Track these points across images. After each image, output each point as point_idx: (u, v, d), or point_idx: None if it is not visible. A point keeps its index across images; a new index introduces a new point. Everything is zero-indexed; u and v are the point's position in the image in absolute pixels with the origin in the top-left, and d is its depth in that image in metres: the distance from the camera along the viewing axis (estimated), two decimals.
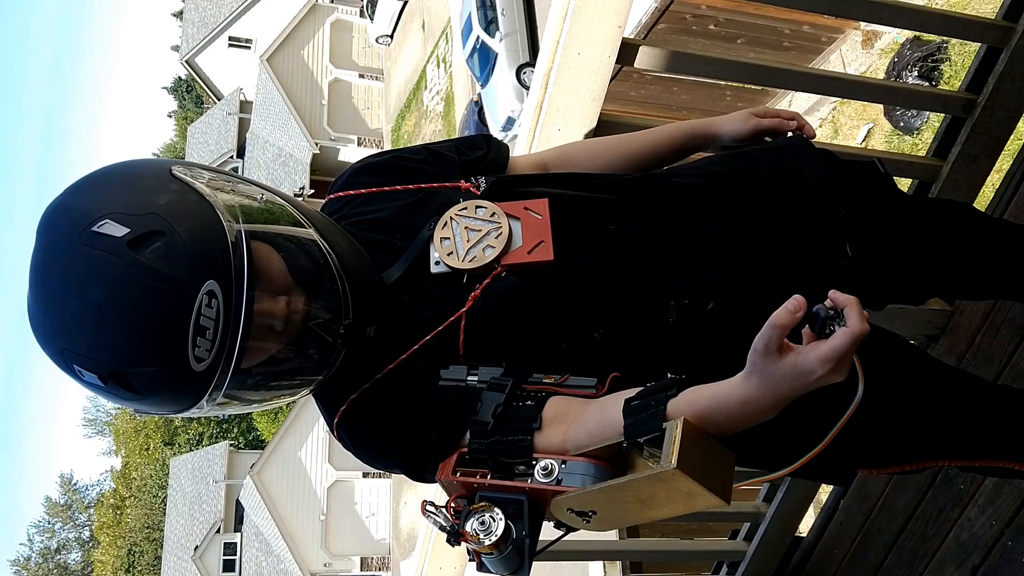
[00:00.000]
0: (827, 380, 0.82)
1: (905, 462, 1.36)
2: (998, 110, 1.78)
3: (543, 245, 1.10)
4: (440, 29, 18.26)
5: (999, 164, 1.92)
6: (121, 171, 0.97)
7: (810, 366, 0.81)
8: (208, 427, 33.93)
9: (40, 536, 41.52)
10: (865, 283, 1.30)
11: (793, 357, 0.82)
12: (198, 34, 27.10)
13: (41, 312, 0.91)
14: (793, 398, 0.85)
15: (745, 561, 2.51)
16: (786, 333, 0.82)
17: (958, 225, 1.44)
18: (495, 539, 0.93)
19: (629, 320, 1.13)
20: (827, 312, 0.82)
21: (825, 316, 0.82)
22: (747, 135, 1.36)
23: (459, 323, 1.06)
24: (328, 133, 23.42)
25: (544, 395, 1.02)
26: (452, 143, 1.32)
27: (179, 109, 45.19)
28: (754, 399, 0.85)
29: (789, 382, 0.83)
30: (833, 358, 0.80)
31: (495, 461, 0.98)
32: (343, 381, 1.07)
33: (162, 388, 0.91)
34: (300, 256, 1.00)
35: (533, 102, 1.51)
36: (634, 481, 0.87)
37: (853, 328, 0.80)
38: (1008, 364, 1.96)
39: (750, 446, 1.09)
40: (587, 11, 1.44)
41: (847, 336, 0.79)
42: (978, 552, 1.99)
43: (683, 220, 1.19)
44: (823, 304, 0.83)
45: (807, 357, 0.81)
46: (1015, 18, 1.71)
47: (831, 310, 0.82)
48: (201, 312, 0.86)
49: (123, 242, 0.86)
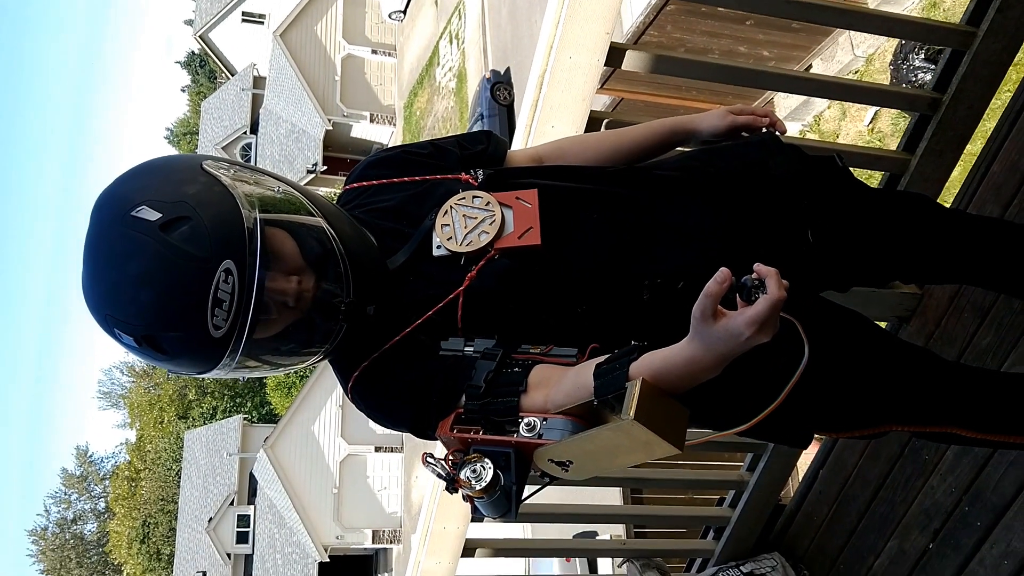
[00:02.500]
0: (756, 340, 0.95)
1: (860, 427, 1.49)
2: (961, 108, 1.91)
3: (532, 231, 1.24)
4: (453, 5, 18.19)
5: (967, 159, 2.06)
6: (161, 164, 1.14)
7: (738, 328, 0.94)
8: (222, 401, 34.16)
9: (56, 507, 41.98)
10: (827, 267, 1.44)
11: (725, 321, 0.95)
12: (212, 9, 27.10)
13: (90, 282, 1.08)
14: (731, 357, 0.98)
15: (729, 526, 2.67)
16: (717, 300, 0.95)
17: (914, 214, 1.57)
18: (485, 484, 1.07)
19: (608, 298, 1.27)
20: (752, 282, 0.95)
21: (751, 285, 0.95)
22: (724, 131, 1.48)
23: (457, 300, 1.21)
24: (341, 109, 23.49)
25: (530, 363, 1.17)
26: (455, 139, 1.47)
27: (192, 84, 45.21)
28: (697, 358, 0.99)
29: (723, 342, 0.96)
30: (757, 321, 0.93)
31: (487, 419, 1.12)
32: (356, 350, 1.23)
33: (186, 351, 1.07)
34: (310, 241, 1.15)
35: (528, 102, 1.66)
36: (601, 432, 1.02)
37: (772, 294, 0.93)
38: (970, 343, 2.11)
39: (713, 408, 1.26)
40: (577, 19, 1.58)
41: (766, 301, 0.93)
42: (939, 517, 2.15)
43: (660, 209, 1.33)
44: (750, 275, 0.96)
45: (735, 321, 0.95)
46: (976, 23, 1.84)
47: (756, 280, 0.95)
48: (219, 287, 1.02)
49: (156, 225, 1.02)
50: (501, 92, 13.83)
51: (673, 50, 6.45)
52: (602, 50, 1.64)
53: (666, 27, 6.33)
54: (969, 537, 2.05)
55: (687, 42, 6.54)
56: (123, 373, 42.04)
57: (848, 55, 6.59)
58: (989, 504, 2.01)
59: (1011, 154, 2.05)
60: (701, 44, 6.59)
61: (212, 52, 28.50)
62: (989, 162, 2.10)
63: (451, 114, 17.90)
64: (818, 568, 2.59)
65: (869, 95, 2.03)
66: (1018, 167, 2.02)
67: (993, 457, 2.02)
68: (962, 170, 2.16)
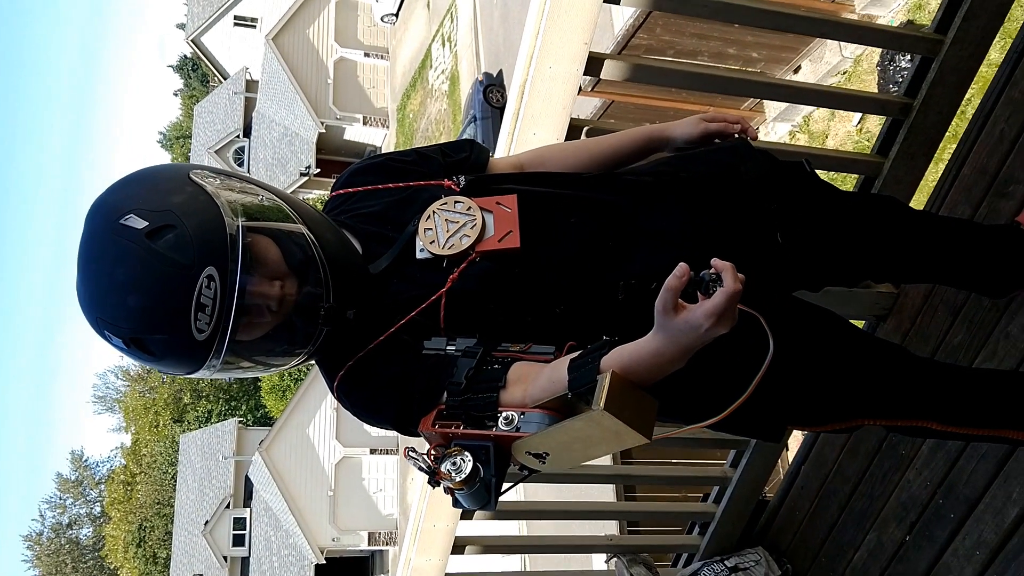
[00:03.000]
0: (715, 331, 1.00)
1: (832, 420, 1.55)
2: (931, 113, 1.97)
3: (511, 234, 1.29)
4: (445, 8, 18.25)
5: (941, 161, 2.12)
6: (149, 174, 1.19)
7: (697, 320, 0.99)
8: (217, 404, 34.12)
9: (52, 512, 41.82)
10: (797, 267, 1.50)
11: (685, 314, 1.01)
12: (204, 13, 27.09)
13: (83, 286, 1.13)
14: (693, 348, 1.04)
15: (714, 521, 2.73)
16: (677, 294, 1.00)
17: (881, 216, 1.62)
18: (464, 476, 1.12)
19: (585, 298, 1.32)
20: (710, 276, 1.00)
21: (708, 279, 1.00)
22: (697, 137, 1.52)
23: (440, 301, 1.26)
24: (334, 112, 23.49)
25: (510, 360, 1.22)
26: (439, 147, 1.52)
27: (185, 88, 45.15)
28: (661, 350, 1.04)
29: (684, 334, 1.01)
30: (714, 312, 0.98)
31: (467, 415, 1.17)
32: (341, 350, 1.28)
33: (171, 353, 1.13)
34: (292, 247, 1.20)
35: (510, 111, 1.72)
36: (574, 423, 1.07)
37: (727, 287, 0.98)
38: (944, 340, 2.17)
39: (685, 402, 1.31)
40: (556, 30, 1.63)
41: (723, 294, 0.98)
42: (915, 510, 2.21)
43: (635, 214, 1.37)
44: (707, 270, 1.01)
45: (694, 313, 1.00)
46: (944, 31, 1.90)
47: (713, 275, 1.00)
48: (201, 292, 1.08)
49: (143, 233, 1.08)
50: (494, 95, 13.89)
51: (663, 53, 6.52)
52: (581, 60, 1.70)
53: (655, 30, 6.37)
54: (943, 529, 2.11)
55: (676, 44, 6.58)
56: (117, 377, 41.97)
57: (836, 56, 6.65)
58: (962, 497, 2.07)
59: (980, 157, 2.11)
60: (691, 46, 6.63)
61: (204, 56, 28.49)
62: (960, 165, 2.16)
63: (444, 116, 17.94)
64: (800, 562, 2.64)
65: (842, 100, 2.09)
66: (987, 169, 2.08)
67: (966, 451, 2.08)
68: (936, 172, 2.23)
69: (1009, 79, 2.10)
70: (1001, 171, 2.08)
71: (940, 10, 1.92)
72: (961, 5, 1.89)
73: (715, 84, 1.85)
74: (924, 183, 2.16)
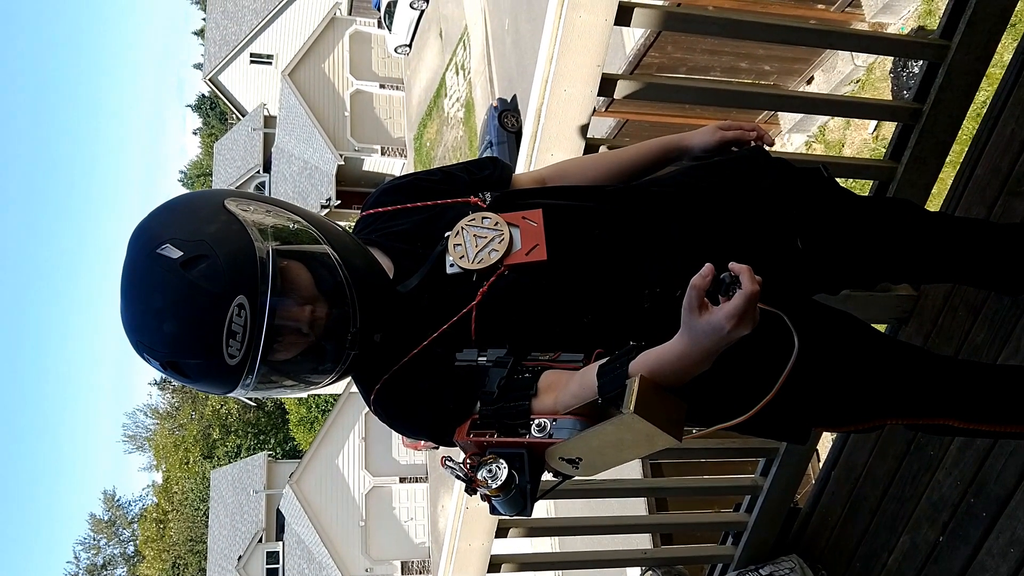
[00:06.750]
0: (737, 332, 1.03)
1: (856, 421, 1.58)
2: (941, 117, 2.01)
3: (538, 248, 1.33)
4: (457, 36, 18.43)
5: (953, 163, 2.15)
6: (186, 202, 1.25)
7: (719, 322, 1.03)
8: (246, 439, 34.22)
9: (86, 553, 42.06)
10: (817, 271, 1.53)
11: (708, 316, 1.04)
12: (220, 52, 27.43)
13: (125, 311, 1.19)
14: (717, 350, 1.06)
15: (747, 530, 2.73)
16: (702, 292, 1.04)
17: (897, 219, 1.65)
18: (500, 483, 1.16)
19: (611, 307, 1.36)
20: (730, 278, 1.04)
21: (728, 282, 1.04)
22: (714, 146, 1.56)
23: (471, 314, 1.31)
24: (352, 144, 23.69)
25: (540, 369, 1.26)
26: (464, 165, 1.57)
27: (204, 126, 45.85)
28: (687, 352, 1.07)
29: (708, 336, 1.05)
30: (735, 314, 1.01)
31: (500, 423, 1.21)
32: (376, 365, 1.33)
33: (206, 376, 1.19)
34: (322, 271, 1.24)
35: (528, 133, 1.78)
36: (606, 427, 1.10)
37: (746, 289, 1.02)
38: (966, 340, 2.18)
39: (712, 404, 1.34)
40: (570, 54, 1.69)
41: (741, 296, 1.01)
42: (947, 510, 2.22)
43: (657, 223, 1.41)
44: (727, 272, 1.04)
45: (717, 315, 1.03)
46: (949, 36, 1.95)
47: (732, 277, 1.04)
48: (232, 320, 1.12)
49: (178, 263, 1.13)
50: (509, 119, 14.01)
51: (675, 70, 6.56)
52: (595, 81, 1.75)
53: (666, 48, 6.42)
54: (976, 528, 2.11)
55: (688, 61, 6.63)
56: (147, 415, 42.36)
57: (849, 65, 6.67)
58: (993, 495, 2.07)
59: (992, 157, 2.14)
60: (703, 62, 6.67)
61: (222, 94, 28.84)
62: (973, 166, 2.19)
63: (461, 143, 18.08)
64: (835, 567, 2.65)
65: (853, 108, 2.13)
66: (1000, 169, 2.11)
67: (994, 449, 2.09)
68: (949, 174, 2.26)
69: (1017, 79, 2.14)
70: (1014, 170, 2.11)
71: (945, 16, 1.96)
72: (965, 10, 1.93)
73: (727, 98, 1.90)
74: (937, 186, 2.19)
